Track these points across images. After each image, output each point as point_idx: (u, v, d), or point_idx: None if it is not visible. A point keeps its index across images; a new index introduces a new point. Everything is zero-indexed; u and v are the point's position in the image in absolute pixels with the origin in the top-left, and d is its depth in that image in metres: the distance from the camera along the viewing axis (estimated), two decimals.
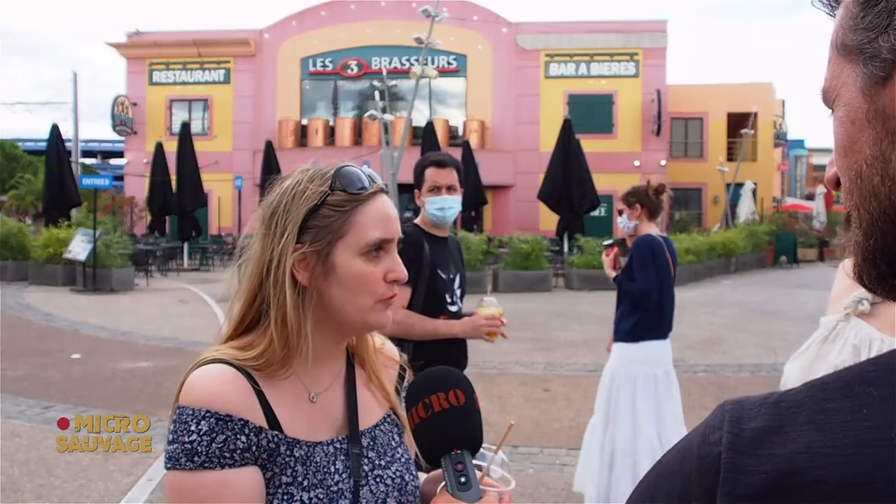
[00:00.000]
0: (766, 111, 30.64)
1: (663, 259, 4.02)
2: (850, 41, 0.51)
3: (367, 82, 28.98)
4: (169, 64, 30.79)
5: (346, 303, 1.09)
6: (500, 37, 29.53)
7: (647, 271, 3.98)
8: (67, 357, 8.41)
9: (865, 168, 0.51)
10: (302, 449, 1.06)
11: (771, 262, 23.29)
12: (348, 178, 1.10)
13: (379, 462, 1.13)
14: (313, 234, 1.07)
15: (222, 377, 1.03)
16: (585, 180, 18.51)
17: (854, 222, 0.53)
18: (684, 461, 0.49)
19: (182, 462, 0.98)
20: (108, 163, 49.02)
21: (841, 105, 0.53)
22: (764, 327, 10.97)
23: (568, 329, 10.64)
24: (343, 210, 1.08)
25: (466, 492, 0.99)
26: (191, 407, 1.00)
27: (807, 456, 0.43)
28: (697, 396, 6.88)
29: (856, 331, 1.61)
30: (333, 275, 1.08)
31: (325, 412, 1.12)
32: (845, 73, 0.52)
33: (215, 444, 0.98)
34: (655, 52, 29.07)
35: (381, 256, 1.10)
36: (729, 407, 0.49)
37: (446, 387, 1.05)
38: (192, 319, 11.55)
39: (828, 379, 0.48)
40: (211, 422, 0.99)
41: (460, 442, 1.03)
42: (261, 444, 1.02)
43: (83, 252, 14.96)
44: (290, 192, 1.10)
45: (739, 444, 0.46)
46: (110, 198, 27.25)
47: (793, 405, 0.47)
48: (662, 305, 4.07)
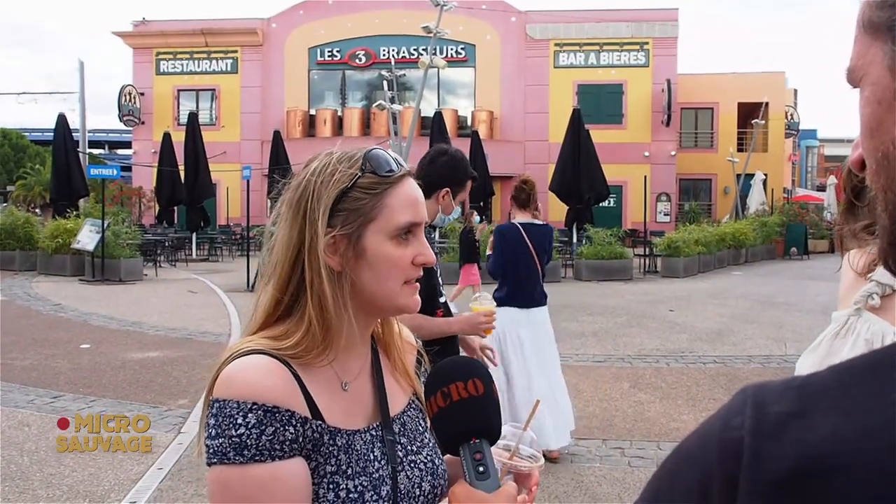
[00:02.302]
0: (777, 101, 30.42)
1: (511, 243, 4.78)
2: (878, 18, 0.50)
3: (376, 72, 28.88)
4: (176, 53, 30.80)
5: (376, 286, 1.08)
6: (510, 26, 29.38)
7: (494, 253, 4.94)
8: (76, 347, 8.43)
9: (892, 149, 0.49)
10: (343, 438, 1.05)
11: (781, 253, 23.17)
12: (378, 161, 1.08)
13: (411, 448, 1.14)
14: (344, 218, 1.05)
15: (264, 367, 1.01)
16: (595, 171, 18.41)
17: (880, 205, 0.51)
18: (705, 446, 0.47)
19: (231, 456, 0.95)
20: (115, 153, 49.19)
21: (868, 84, 0.51)
22: (774, 319, 10.90)
23: (576, 320, 10.60)
24: (374, 193, 1.06)
25: (485, 481, 0.99)
26: (234, 399, 0.97)
27: (833, 441, 0.42)
28: (707, 388, 6.85)
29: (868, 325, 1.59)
30: (364, 258, 1.06)
31: (357, 400, 1.11)
32: (872, 51, 0.51)
33: (265, 436, 0.96)
34: (666, 42, 28.87)
35: (410, 240, 1.09)
36: (751, 391, 0.47)
37: (465, 376, 1.05)
38: (201, 310, 11.56)
39: (852, 363, 0.46)
40: (259, 414, 0.96)
41: (478, 431, 1.03)
42: (306, 435, 1.00)
43: (91, 242, 14.99)
44: (319, 174, 1.07)
45: (763, 428, 0.44)
46: (118, 188, 27.33)
47: (817, 389, 0.45)
48: (517, 281, 4.80)
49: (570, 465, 4.85)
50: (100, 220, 15.28)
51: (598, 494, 4.35)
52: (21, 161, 42.66)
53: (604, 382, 7.02)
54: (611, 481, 4.55)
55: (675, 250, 17.36)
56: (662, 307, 11.99)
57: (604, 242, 16.74)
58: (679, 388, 6.84)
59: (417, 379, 1.23)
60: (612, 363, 7.89)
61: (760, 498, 0.42)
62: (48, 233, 16.42)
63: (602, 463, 4.89)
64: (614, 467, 4.80)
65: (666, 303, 12.54)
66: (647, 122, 28.86)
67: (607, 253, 16.60)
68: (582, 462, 4.90)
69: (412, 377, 1.22)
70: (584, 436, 5.42)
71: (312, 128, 30.10)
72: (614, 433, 5.51)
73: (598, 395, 6.57)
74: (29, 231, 17.20)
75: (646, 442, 5.29)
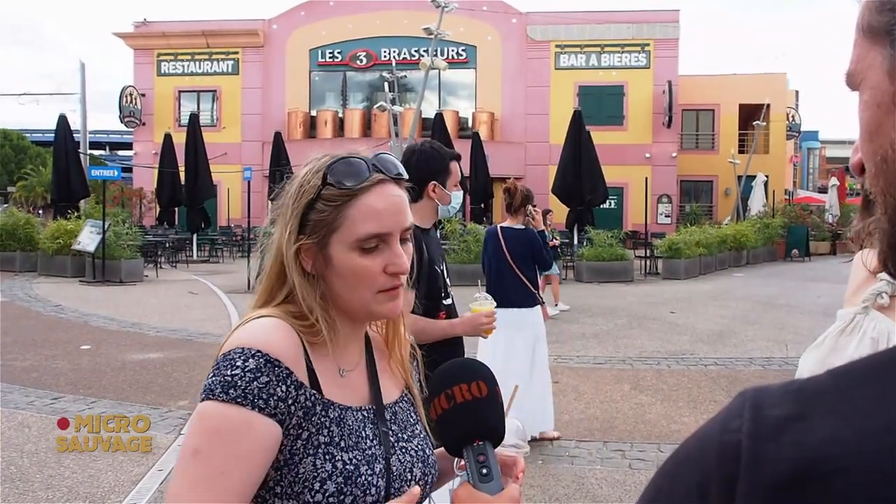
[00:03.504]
0: (778, 102, 30.39)
1: (488, 246, 5.24)
2: (877, 22, 0.50)
3: (377, 73, 28.88)
4: (177, 54, 30.81)
5: (347, 293, 1.12)
6: (510, 27, 29.38)
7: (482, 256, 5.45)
8: (77, 348, 8.42)
9: (891, 152, 0.49)
10: (336, 411, 1.08)
11: (783, 255, 23.13)
12: (341, 172, 1.10)
13: (402, 435, 1.17)
14: (311, 227, 1.10)
15: (278, 327, 1.06)
16: (596, 173, 18.41)
17: (880, 208, 0.52)
18: (704, 449, 0.47)
19: (216, 392, 0.99)
20: (116, 154, 49.20)
21: (867, 88, 0.52)
22: (775, 321, 10.88)
23: (577, 321, 10.58)
24: (335, 204, 1.10)
25: (488, 483, 1.01)
26: (241, 346, 1.02)
27: (831, 443, 0.42)
28: (708, 390, 6.83)
29: (875, 324, 1.58)
30: (332, 267, 1.11)
31: (353, 387, 1.15)
32: (871, 55, 0.51)
33: (257, 383, 0.99)
34: (667, 43, 28.86)
35: (381, 248, 1.11)
36: (750, 394, 0.47)
37: (469, 378, 1.06)
38: (202, 311, 11.56)
39: (852, 366, 0.46)
40: (260, 361, 1.00)
41: (482, 433, 1.04)
42: (298, 400, 1.03)
43: (92, 243, 14.99)
44: (299, 182, 1.13)
45: (761, 431, 0.44)
46: (119, 189, 27.33)
47: (816, 392, 0.45)
48: (492, 281, 5.12)
49: (570, 466, 4.83)
50: (100, 221, 15.27)
51: (599, 496, 4.33)
52: (22, 162, 42.71)
53: (605, 384, 7.01)
54: (611, 483, 4.54)
55: (676, 252, 17.34)
56: (663, 309, 11.98)
57: (605, 244, 16.72)
58: (680, 390, 6.83)
59: (411, 374, 1.27)
60: (612, 365, 7.88)
61: (759, 500, 0.42)
62: (49, 234, 16.42)
63: (603, 465, 4.87)
64: (615, 469, 4.78)
65: (667, 304, 12.52)
66: (648, 123, 28.84)
67: (608, 255, 16.59)
68: (583, 464, 4.89)
69: (407, 372, 1.25)
70: (584, 438, 5.41)
71: (313, 129, 30.10)
72: (615, 435, 5.49)
73: (599, 396, 6.56)
74: (29, 232, 17.20)
75: (647, 444, 5.27)
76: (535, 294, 5.23)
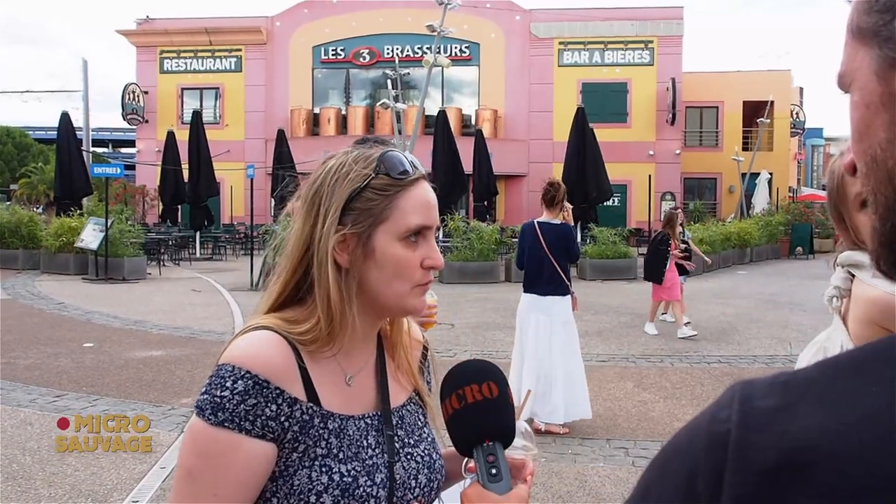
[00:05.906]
0: (783, 99, 30.29)
1: (526, 239, 5.70)
2: (865, 24, 0.51)
3: (380, 71, 28.89)
4: (180, 52, 30.81)
5: (384, 286, 1.10)
6: (514, 24, 29.33)
7: (517, 248, 6.05)
8: (80, 346, 8.43)
9: (880, 152, 0.51)
10: (335, 422, 1.08)
11: (787, 252, 23.07)
12: (392, 162, 1.10)
13: (408, 440, 1.16)
14: (355, 217, 1.08)
15: (269, 342, 1.05)
16: (599, 170, 18.37)
17: (871, 207, 0.53)
18: (693, 440, 0.48)
19: (206, 413, 1.00)
20: (119, 151, 49.25)
21: (856, 89, 0.53)
22: (779, 318, 10.85)
23: (581, 319, 10.53)
24: (386, 194, 1.08)
25: (497, 483, 1.01)
26: (232, 364, 1.02)
27: (817, 432, 0.43)
28: (711, 388, 6.81)
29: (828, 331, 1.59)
30: (372, 258, 1.09)
31: (359, 393, 1.14)
32: (860, 56, 0.52)
33: (244, 406, 1.00)
34: (671, 40, 28.79)
35: (420, 242, 1.11)
36: (739, 387, 0.48)
37: (480, 379, 1.06)
38: (205, 308, 11.56)
39: (838, 358, 0.48)
40: (248, 383, 1.01)
41: (492, 434, 1.04)
42: (293, 416, 1.03)
43: (95, 241, 15.00)
44: (335, 172, 1.10)
45: (749, 421, 0.45)
46: (122, 187, 27.36)
47: (803, 384, 0.46)
48: (531, 271, 5.68)
49: (573, 464, 4.82)
50: (103, 218, 15.29)
51: (602, 494, 4.32)
52: (24, 159, 42.76)
53: (608, 382, 6.99)
54: (614, 481, 4.52)
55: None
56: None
57: (608, 242, 16.70)
58: (683, 388, 6.81)
59: (421, 376, 1.25)
60: (616, 363, 7.87)
61: (746, 488, 0.43)
62: (52, 231, 16.44)
63: (606, 463, 4.86)
64: (618, 467, 4.77)
65: None
66: (652, 120, 28.78)
67: (612, 252, 16.56)
68: (586, 462, 4.87)
69: (415, 374, 1.24)
70: (588, 435, 5.40)
71: (316, 126, 30.10)
72: (618, 433, 5.48)
73: (603, 394, 6.54)
74: (32, 230, 17.22)
75: (650, 442, 5.26)
76: (568, 284, 5.71)
